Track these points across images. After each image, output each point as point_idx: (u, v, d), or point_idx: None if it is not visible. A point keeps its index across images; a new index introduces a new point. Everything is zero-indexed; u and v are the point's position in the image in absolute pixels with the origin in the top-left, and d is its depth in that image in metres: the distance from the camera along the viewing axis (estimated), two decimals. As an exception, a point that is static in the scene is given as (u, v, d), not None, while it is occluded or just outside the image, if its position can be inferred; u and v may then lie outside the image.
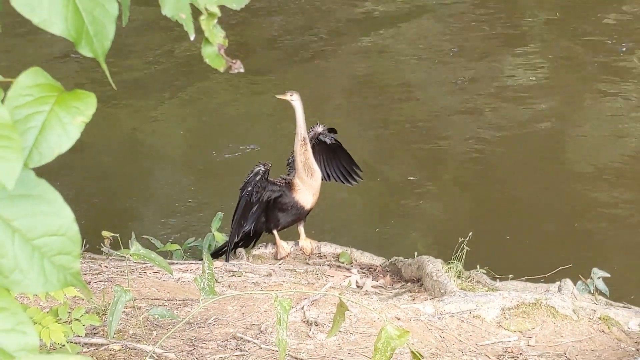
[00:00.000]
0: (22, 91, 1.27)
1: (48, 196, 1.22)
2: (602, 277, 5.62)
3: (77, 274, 1.24)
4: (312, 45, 10.38)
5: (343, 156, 6.45)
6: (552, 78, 9.40)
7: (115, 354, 4.40)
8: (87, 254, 6.15)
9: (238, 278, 5.68)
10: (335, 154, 6.44)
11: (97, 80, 9.35)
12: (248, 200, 6.01)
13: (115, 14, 1.29)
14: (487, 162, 8.06)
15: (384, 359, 2.20)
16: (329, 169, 6.46)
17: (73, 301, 4.77)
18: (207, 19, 1.45)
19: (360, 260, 6.31)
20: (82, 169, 8.18)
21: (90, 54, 1.28)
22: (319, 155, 6.40)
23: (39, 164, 1.24)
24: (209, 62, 1.48)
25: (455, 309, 5.26)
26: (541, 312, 5.27)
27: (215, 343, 4.60)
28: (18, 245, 1.21)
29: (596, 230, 7.15)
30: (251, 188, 5.99)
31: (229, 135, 8.65)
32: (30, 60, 9.32)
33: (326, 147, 6.41)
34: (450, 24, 10.64)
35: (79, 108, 1.26)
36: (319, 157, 6.39)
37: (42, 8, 1.23)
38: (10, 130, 1.19)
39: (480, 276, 5.85)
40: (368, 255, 6.34)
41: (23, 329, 1.18)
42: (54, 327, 3.60)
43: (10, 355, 1.17)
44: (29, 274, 1.22)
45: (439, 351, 4.77)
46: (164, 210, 7.73)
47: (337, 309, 2.40)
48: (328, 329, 4.71)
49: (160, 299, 5.12)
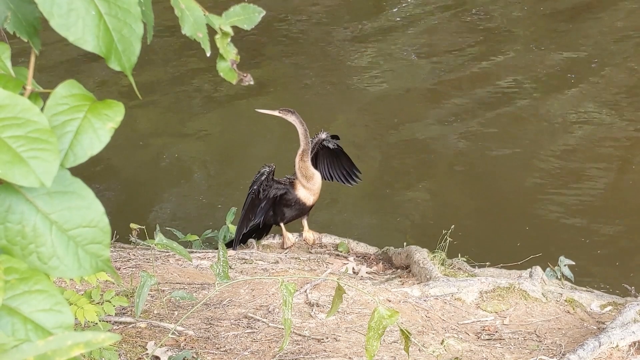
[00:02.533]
0: (59, 100, 1.27)
1: (81, 192, 1.22)
2: (567, 265, 5.61)
3: (108, 261, 1.24)
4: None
5: (344, 160, 6.48)
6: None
7: (142, 331, 4.40)
8: (117, 244, 6.15)
9: (249, 265, 5.68)
10: (338, 157, 6.47)
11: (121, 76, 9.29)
12: (254, 197, 6.04)
13: (140, 33, 1.29)
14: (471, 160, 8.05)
15: (376, 336, 2.20)
16: (331, 171, 6.49)
17: (104, 285, 4.77)
18: (221, 37, 1.45)
19: (356, 249, 6.32)
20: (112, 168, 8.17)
21: (119, 68, 1.28)
22: (322, 159, 6.44)
23: (73, 164, 1.24)
24: (223, 76, 1.48)
25: (439, 292, 5.25)
26: (514, 295, 5.27)
27: (229, 322, 4.60)
28: (55, 235, 1.21)
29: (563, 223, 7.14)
30: (257, 186, 6.03)
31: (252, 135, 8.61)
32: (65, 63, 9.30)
33: (329, 152, 6.44)
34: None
35: (109, 115, 1.26)
36: (322, 160, 6.44)
37: (77, 28, 1.23)
38: (49, 134, 1.19)
39: (461, 264, 5.86)
40: (363, 245, 6.35)
41: (60, 309, 1.18)
42: (87, 307, 3.61)
43: (49, 332, 1.17)
44: (65, 261, 1.22)
45: (424, 329, 4.77)
46: (184, 205, 7.73)
47: (335, 292, 2.40)
48: (328, 310, 4.70)
49: (181, 283, 5.12)
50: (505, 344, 4.74)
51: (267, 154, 7.99)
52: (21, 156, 1.17)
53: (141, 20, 1.29)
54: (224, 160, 8.38)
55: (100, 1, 1.24)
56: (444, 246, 5.81)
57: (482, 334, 4.86)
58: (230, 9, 1.48)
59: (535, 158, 7.98)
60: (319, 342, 4.44)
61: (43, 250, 1.20)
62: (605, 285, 6.19)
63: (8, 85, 1.27)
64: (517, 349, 4.65)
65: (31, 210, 1.21)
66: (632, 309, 4.88)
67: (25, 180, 1.17)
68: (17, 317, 1.16)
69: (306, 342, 4.43)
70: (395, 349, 4.37)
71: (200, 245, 6.40)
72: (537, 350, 4.63)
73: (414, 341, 3.77)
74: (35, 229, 1.20)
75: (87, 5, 1.23)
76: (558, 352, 4.59)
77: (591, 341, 4.49)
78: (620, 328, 4.65)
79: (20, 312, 1.16)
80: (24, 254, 1.20)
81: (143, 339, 4.31)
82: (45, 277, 1.20)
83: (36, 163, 1.17)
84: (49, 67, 9.64)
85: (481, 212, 7.35)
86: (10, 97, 1.19)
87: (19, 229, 1.20)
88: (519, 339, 4.81)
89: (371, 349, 2.18)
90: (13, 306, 1.16)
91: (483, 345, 4.67)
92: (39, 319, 1.16)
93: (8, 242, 1.20)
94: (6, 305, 1.15)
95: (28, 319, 1.16)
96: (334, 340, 4.45)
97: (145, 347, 4.23)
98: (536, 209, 7.34)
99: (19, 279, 1.17)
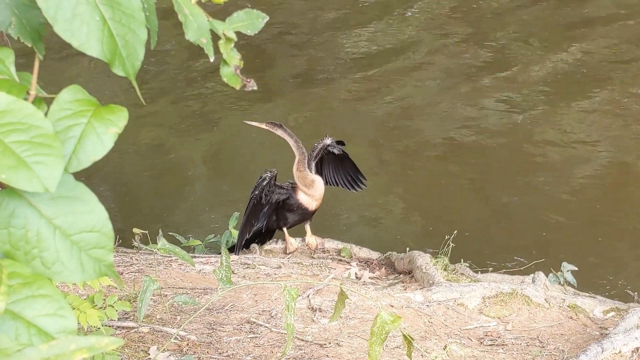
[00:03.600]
0: (63, 105, 1.27)
1: (85, 197, 1.22)
2: (570, 270, 5.61)
3: (111, 266, 1.24)
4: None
5: (349, 165, 6.44)
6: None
7: (144, 336, 4.40)
8: (120, 248, 6.15)
9: (252, 270, 5.68)
10: (343, 163, 6.44)
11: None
12: (256, 202, 6.04)
13: (144, 38, 1.29)
14: (475, 165, 8.05)
15: (379, 341, 2.20)
16: (336, 177, 6.46)
17: (107, 289, 4.77)
18: (225, 43, 1.45)
19: (359, 254, 6.31)
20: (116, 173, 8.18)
21: (123, 73, 1.28)
22: (327, 164, 6.42)
23: (77, 169, 1.24)
24: (227, 81, 1.48)
25: (441, 297, 5.25)
26: (517, 301, 5.26)
27: (232, 327, 4.60)
28: (59, 240, 1.21)
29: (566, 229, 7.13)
30: (258, 191, 6.03)
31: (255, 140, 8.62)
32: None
33: (334, 157, 6.41)
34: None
35: (112, 120, 1.26)
36: (327, 165, 6.42)
37: (81, 33, 1.24)
38: (53, 139, 1.19)
39: (463, 269, 5.85)
40: (366, 250, 6.34)
41: (63, 314, 1.18)
42: (90, 312, 3.61)
43: (52, 337, 1.17)
44: (69, 266, 1.22)
45: (427, 334, 4.76)
46: (187, 210, 7.73)
47: (338, 297, 2.40)
48: (330, 315, 4.70)
49: (183, 288, 5.12)
50: (507, 349, 4.73)
51: (271, 159, 7.99)
52: (25, 161, 1.17)
53: (145, 25, 1.29)
54: (227, 165, 8.38)
55: (105, 7, 1.24)
56: (447, 251, 5.81)
57: (484, 340, 4.86)
58: (234, 15, 1.48)
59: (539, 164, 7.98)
60: (321, 347, 4.43)
61: (46, 255, 1.21)
62: (608, 291, 6.18)
63: (12, 90, 1.27)
64: (519, 355, 4.65)
65: (35, 215, 1.21)
66: (635, 315, 4.88)
67: (29, 185, 1.17)
68: (20, 322, 1.16)
69: (309, 347, 4.43)
70: (398, 354, 4.37)
71: (202, 250, 6.40)
72: (539, 356, 4.62)
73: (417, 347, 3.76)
74: (38, 234, 1.20)
75: (91, 11, 1.23)
76: (561, 357, 4.58)
77: (594, 347, 4.49)
78: (623, 334, 4.64)
79: (23, 316, 1.16)
80: (27, 258, 1.20)
81: (145, 344, 4.31)
82: (48, 282, 1.20)
83: (40, 168, 1.17)
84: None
85: (484, 217, 7.34)
86: (14, 102, 1.20)
87: (22, 233, 1.20)
88: (522, 344, 4.81)
89: (374, 355, 2.18)
90: (16, 311, 1.16)
91: (486, 351, 4.66)
92: (42, 324, 1.17)
93: (11, 247, 1.20)
94: (9, 309, 1.16)
95: (31, 323, 1.16)
96: (336, 346, 4.44)
97: (147, 351, 4.22)
98: (539, 214, 7.33)
99: (22, 284, 1.18)
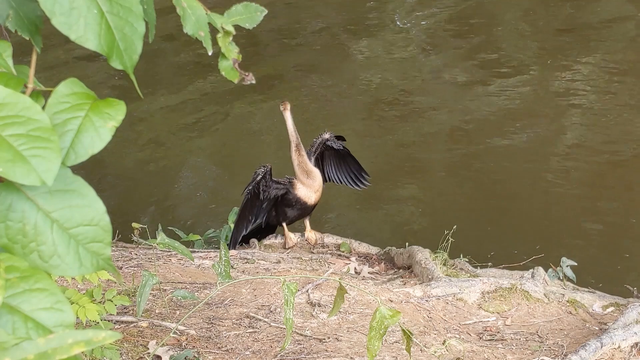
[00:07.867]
0: (61, 99, 1.27)
1: (83, 191, 1.22)
2: (569, 265, 5.61)
3: (109, 259, 1.24)
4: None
5: (352, 162, 6.39)
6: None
7: (143, 331, 4.40)
8: (119, 243, 6.15)
9: (251, 264, 5.68)
10: (344, 160, 6.38)
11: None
12: (249, 197, 6.01)
13: (142, 31, 1.29)
14: (474, 160, 8.05)
15: (378, 336, 2.20)
16: (339, 174, 6.39)
17: (106, 284, 4.77)
18: (223, 36, 1.45)
19: (358, 249, 6.31)
20: (114, 167, 8.18)
21: (120, 66, 1.28)
22: (329, 160, 6.36)
23: (74, 162, 1.24)
24: (225, 75, 1.47)
25: (441, 292, 5.25)
26: (516, 296, 5.27)
27: (231, 321, 4.60)
28: (56, 233, 1.21)
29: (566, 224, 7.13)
30: (252, 187, 6.00)
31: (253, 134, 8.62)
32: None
33: (335, 153, 6.35)
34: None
35: (110, 114, 1.26)
36: (329, 161, 6.36)
37: (79, 26, 1.23)
38: (50, 133, 1.19)
39: (463, 264, 5.85)
40: (365, 245, 6.34)
41: (61, 308, 1.18)
42: (89, 306, 3.61)
43: (49, 330, 1.16)
44: (66, 259, 1.21)
45: (426, 329, 4.76)
46: (187, 205, 7.73)
47: (337, 292, 2.40)
48: (329, 310, 4.70)
49: (182, 283, 5.12)
50: (507, 344, 4.73)
51: (271, 153, 8.00)
52: (22, 154, 1.17)
53: (143, 18, 1.28)
54: (227, 160, 8.38)
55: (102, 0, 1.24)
56: (446, 246, 5.81)
57: (484, 335, 4.86)
58: (232, 8, 1.47)
59: (539, 158, 7.98)
60: (320, 342, 4.43)
61: (44, 248, 1.20)
62: (607, 286, 6.18)
63: (9, 83, 1.27)
64: (519, 350, 4.65)
65: (32, 208, 1.20)
66: (634, 310, 4.88)
67: (26, 178, 1.16)
68: (17, 316, 1.16)
69: (308, 342, 4.43)
70: (397, 349, 4.37)
71: (202, 245, 6.40)
72: (539, 351, 4.62)
73: (416, 341, 3.76)
74: (36, 227, 1.20)
75: (89, 4, 1.23)
76: (560, 352, 4.59)
77: (593, 342, 4.49)
78: (622, 329, 4.64)
79: (20, 310, 1.16)
80: (24, 252, 1.20)
81: (144, 338, 4.31)
82: (46, 276, 1.19)
83: (37, 161, 1.17)
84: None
85: (483, 212, 7.34)
86: (11, 95, 1.19)
87: (19, 227, 1.20)
88: (521, 339, 4.81)
89: (373, 349, 2.18)
90: (14, 304, 1.16)
91: (485, 346, 4.66)
92: (39, 318, 1.16)
93: (9, 241, 1.20)
94: (7, 303, 1.15)
95: (29, 317, 1.16)
96: (335, 340, 4.45)
97: (146, 346, 4.23)
98: (539, 209, 7.33)
99: (20, 278, 1.17)
